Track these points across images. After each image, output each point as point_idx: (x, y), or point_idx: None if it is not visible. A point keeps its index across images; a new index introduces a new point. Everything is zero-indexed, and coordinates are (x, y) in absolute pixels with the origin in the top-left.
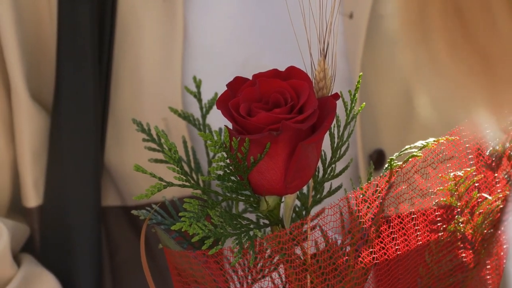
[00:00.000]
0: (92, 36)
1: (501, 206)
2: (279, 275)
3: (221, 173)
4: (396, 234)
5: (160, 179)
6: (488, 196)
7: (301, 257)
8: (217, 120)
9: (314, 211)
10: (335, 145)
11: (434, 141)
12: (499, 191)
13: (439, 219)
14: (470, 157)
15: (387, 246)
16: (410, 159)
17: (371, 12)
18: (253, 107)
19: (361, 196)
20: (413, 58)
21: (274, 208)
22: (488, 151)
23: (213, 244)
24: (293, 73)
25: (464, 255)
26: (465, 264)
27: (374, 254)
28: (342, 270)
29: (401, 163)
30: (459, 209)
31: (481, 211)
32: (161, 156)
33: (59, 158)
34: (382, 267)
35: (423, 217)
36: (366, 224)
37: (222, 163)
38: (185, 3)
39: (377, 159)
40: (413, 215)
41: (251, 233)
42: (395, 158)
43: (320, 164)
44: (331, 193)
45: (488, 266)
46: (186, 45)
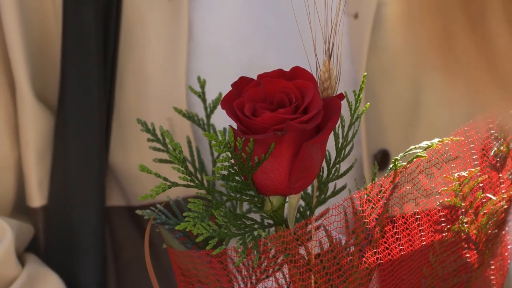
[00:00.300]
0: (97, 36)
1: (505, 207)
2: (283, 275)
3: (225, 173)
4: (400, 235)
5: (165, 179)
6: (492, 197)
7: (305, 257)
8: (222, 120)
9: (319, 211)
10: (339, 145)
11: (438, 141)
12: (503, 191)
13: (443, 219)
14: (474, 157)
15: (391, 246)
16: (415, 160)
17: (376, 12)
18: (257, 107)
19: (365, 196)
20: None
21: (278, 208)
22: (493, 152)
23: (217, 244)
24: (298, 73)
25: (468, 255)
26: (469, 265)
27: (378, 254)
28: (346, 270)
29: (405, 163)
30: (463, 210)
31: (485, 211)
32: (165, 156)
33: (64, 158)
34: (386, 267)
35: (427, 217)
36: (370, 224)
37: (227, 163)
38: (190, 3)
39: (381, 159)
40: (418, 215)
41: (255, 233)
42: (399, 158)
43: (324, 164)
44: (335, 193)
45: (492, 267)
46: (191, 45)
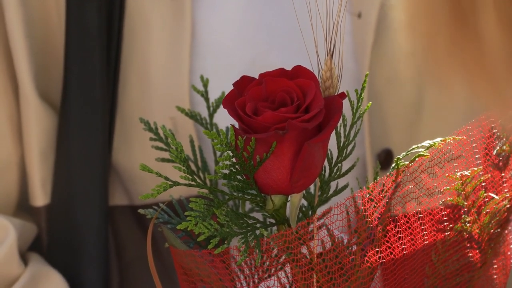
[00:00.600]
0: (100, 35)
1: (508, 206)
2: (286, 274)
3: (227, 172)
4: (403, 234)
5: (166, 178)
6: (495, 196)
7: (307, 256)
8: (225, 119)
9: (321, 210)
10: (341, 144)
11: (441, 140)
12: (506, 190)
13: (445, 218)
14: (477, 156)
15: (394, 245)
16: (417, 159)
17: (380, 12)
18: (259, 106)
19: (367, 196)
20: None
21: (280, 207)
22: (495, 151)
23: (219, 243)
24: (299, 72)
25: (470, 254)
26: (472, 264)
27: (381, 253)
28: (348, 269)
29: (408, 162)
30: (466, 209)
31: (488, 210)
32: (168, 155)
33: (67, 158)
34: (389, 266)
35: (429, 216)
36: (372, 224)
37: (228, 162)
38: (193, 2)
39: (385, 158)
40: (420, 214)
41: (257, 232)
42: (402, 157)
43: (326, 163)
44: (337, 192)
45: (495, 266)
46: (194, 44)
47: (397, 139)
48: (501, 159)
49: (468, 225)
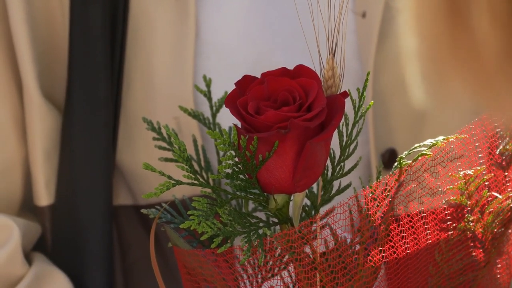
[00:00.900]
0: (104, 35)
1: (511, 205)
2: (289, 273)
3: (230, 171)
4: (406, 233)
5: (169, 177)
6: (498, 195)
7: (311, 255)
8: (229, 119)
9: (324, 209)
10: (343, 143)
11: (443, 139)
12: (509, 190)
13: (449, 217)
14: (480, 155)
15: (397, 245)
16: (420, 158)
17: (384, 11)
18: (261, 106)
19: (370, 195)
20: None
21: (282, 206)
22: (498, 150)
23: (222, 242)
24: (301, 71)
25: (474, 254)
26: (475, 263)
27: (384, 253)
28: (352, 268)
29: (410, 161)
30: (469, 208)
31: (491, 210)
32: (171, 155)
33: (71, 157)
34: (392, 266)
35: (433, 215)
36: (375, 223)
37: (231, 162)
38: (197, 2)
39: (389, 158)
40: (423, 213)
41: (260, 231)
42: (404, 156)
43: (329, 162)
44: (340, 191)
45: (498, 265)
46: (198, 44)
47: (401, 139)
48: (504, 158)
49: (471, 224)
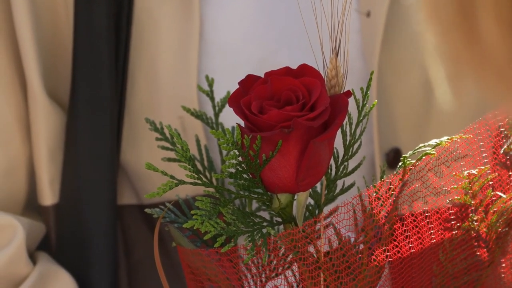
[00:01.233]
0: (108, 35)
1: None
2: (293, 273)
3: (233, 171)
4: (410, 232)
5: (172, 177)
6: (502, 195)
7: (314, 255)
8: (232, 118)
9: (327, 209)
10: (347, 142)
11: (448, 139)
12: None
13: (453, 217)
14: (484, 155)
15: (401, 244)
16: (424, 157)
17: (389, 10)
18: (264, 105)
19: (374, 194)
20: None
21: (286, 205)
22: (503, 149)
23: (226, 242)
24: (305, 70)
25: (478, 253)
26: (479, 263)
27: (388, 252)
28: (356, 268)
29: (414, 161)
30: (473, 208)
31: (495, 209)
32: (175, 154)
33: (75, 157)
34: (396, 265)
35: (437, 215)
36: (379, 222)
37: (234, 161)
38: (201, 2)
39: (394, 157)
40: (427, 213)
41: (264, 230)
42: (408, 156)
43: (332, 162)
44: (344, 191)
45: (503, 265)
46: (202, 44)
47: (405, 138)
48: (508, 157)
49: (475, 224)
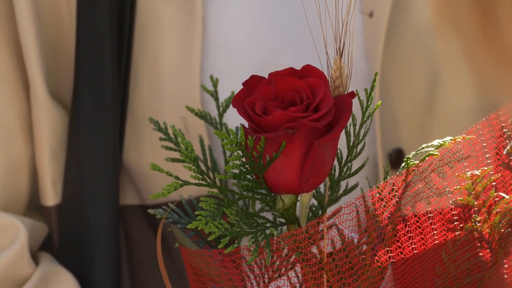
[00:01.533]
0: (111, 35)
1: None
2: (296, 274)
3: (237, 171)
4: (413, 233)
5: (177, 177)
6: (505, 195)
7: (317, 256)
8: (235, 119)
9: (331, 210)
10: (351, 143)
11: (451, 140)
12: None
13: (456, 218)
14: (487, 156)
15: (404, 245)
16: (427, 158)
17: (392, 10)
18: (268, 106)
19: (377, 195)
20: (443, 46)
21: (290, 206)
22: (506, 150)
23: (229, 243)
24: (309, 71)
25: (481, 254)
26: (482, 263)
27: (391, 253)
28: (359, 269)
29: (418, 162)
30: (476, 208)
31: (498, 210)
32: (178, 155)
33: (78, 157)
34: (399, 266)
35: (440, 216)
36: (382, 223)
37: (238, 162)
38: (204, 2)
39: (396, 158)
40: (430, 214)
41: (267, 231)
42: (411, 157)
43: (336, 162)
44: (347, 191)
45: (505, 265)
46: (205, 44)
47: (408, 138)
48: (511, 158)
49: (478, 224)
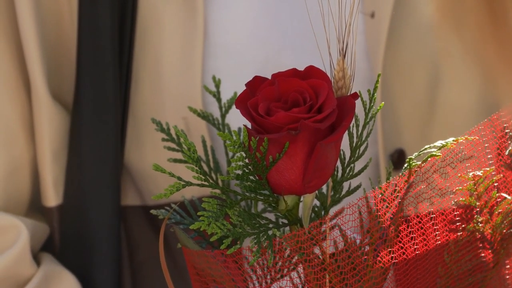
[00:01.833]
0: (113, 36)
1: None
2: (298, 274)
3: (240, 172)
4: (415, 234)
5: (179, 178)
6: (507, 196)
7: (320, 256)
8: (237, 119)
9: (333, 210)
10: (354, 144)
11: (453, 140)
12: None
13: (458, 218)
14: (489, 156)
15: (406, 246)
16: (429, 159)
17: (393, 10)
18: (272, 107)
19: (380, 196)
20: (445, 45)
21: (292, 207)
22: (508, 151)
23: (232, 243)
24: (312, 72)
25: (483, 255)
26: (484, 264)
27: (393, 253)
28: (361, 269)
29: (420, 162)
30: (478, 209)
31: (500, 210)
32: (180, 155)
33: (79, 158)
34: (401, 266)
35: (442, 216)
36: (385, 224)
37: (241, 163)
38: (205, 2)
39: (398, 158)
40: (432, 214)
41: (269, 232)
42: (414, 157)
43: (339, 163)
44: (350, 192)
45: (507, 266)
46: (207, 44)
47: (409, 139)
48: None
49: (480, 225)
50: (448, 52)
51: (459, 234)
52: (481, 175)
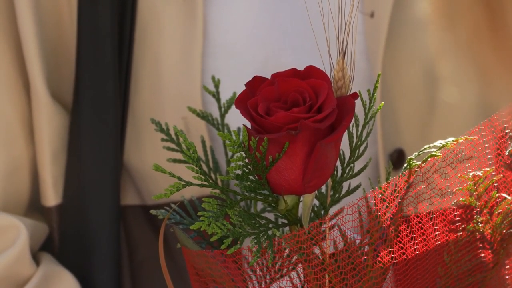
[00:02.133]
0: (112, 36)
1: None
2: (298, 274)
3: (239, 172)
4: (415, 234)
5: (179, 178)
6: (507, 196)
7: (320, 256)
8: (237, 119)
9: (333, 210)
10: (353, 144)
11: (453, 140)
12: None
13: (458, 218)
14: (489, 157)
15: (406, 246)
16: (429, 159)
17: (392, 10)
18: (271, 107)
19: (379, 196)
20: (443, 46)
21: (292, 207)
22: (508, 151)
23: (232, 243)
24: (311, 72)
25: (483, 255)
26: (484, 264)
27: (393, 254)
28: (361, 269)
29: (420, 162)
30: (478, 209)
31: (500, 211)
32: (180, 155)
33: (79, 157)
34: (401, 267)
35: (442, 216)
36: (384, 224)
37: (241, 163)
38: (205, 2)
39: (397, 158)
40: (432, 214)
41: (269, 232)
42: (414, 157)
43: (338, 163)
44: (349, 192)
45: (507, 266)
46: (206, 44)
47: (409, 139)
48: None
49: (480, 225)
50: (447, 52)
51: (459, 234)
52: (481, 175)
